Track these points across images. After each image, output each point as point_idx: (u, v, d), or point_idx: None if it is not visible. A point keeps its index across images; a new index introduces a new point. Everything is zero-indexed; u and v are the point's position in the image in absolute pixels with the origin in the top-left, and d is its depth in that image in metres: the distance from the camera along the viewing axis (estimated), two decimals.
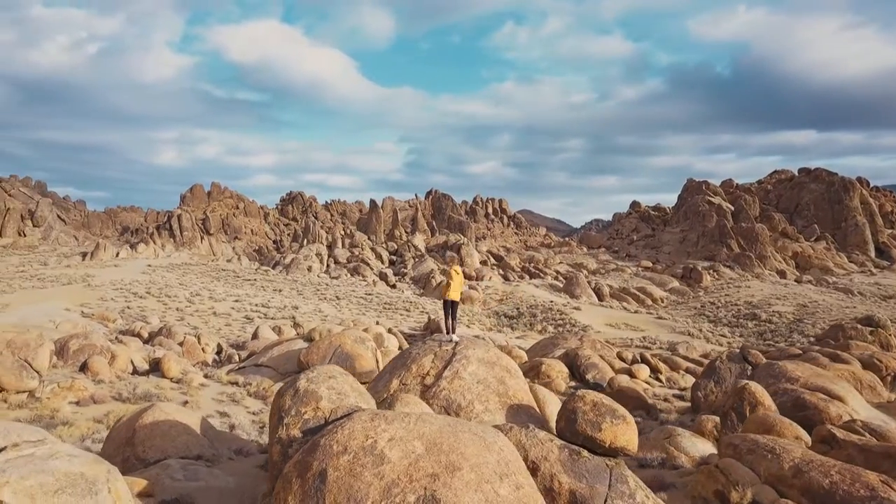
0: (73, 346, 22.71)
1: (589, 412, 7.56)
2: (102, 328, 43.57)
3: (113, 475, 6.02)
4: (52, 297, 53.90)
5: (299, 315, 53.35)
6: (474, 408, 8.45)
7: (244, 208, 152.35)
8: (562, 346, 32.97)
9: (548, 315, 66.39)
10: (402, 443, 5.98)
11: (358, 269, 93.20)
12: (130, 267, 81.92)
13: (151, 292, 59.12)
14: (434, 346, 9.71)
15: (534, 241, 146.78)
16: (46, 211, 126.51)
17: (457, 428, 6.35)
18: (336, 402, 7.12)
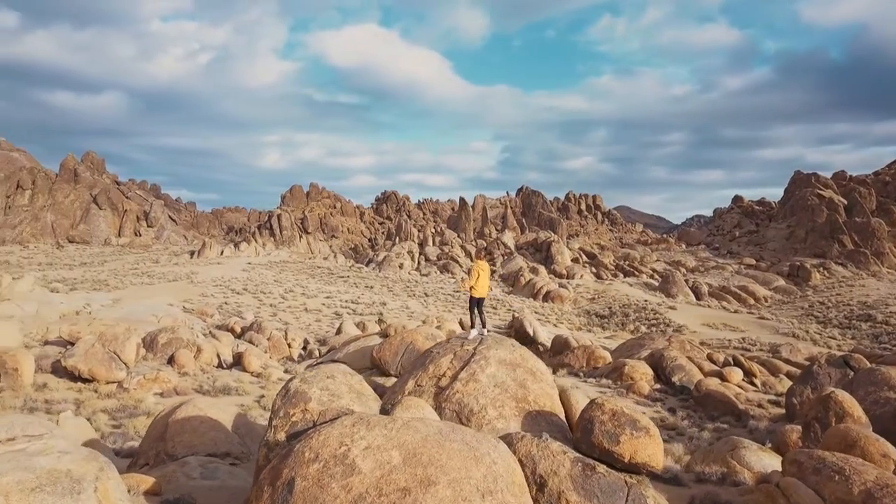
0: (162, 339, 23.87)
1: (607, 422, 6.92)
2: (200, 323, 45.85)
3: (105, 473, 5.89)
4: (158, 293, 57.31)
5: (387, 311, 54.11)
6: (487, 413, 7.94)
7: (341, 208, 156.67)
8: (648, 347, 31.61)
9: (641, 315, 64.14)
10: (379, 452, 5.60)
11: (447, 267, 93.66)
12: (232, 264, 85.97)
13: (248, 289, 61.71)
14: (456, 345, 9.25)
15: (629, 238, 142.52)
16: (159, 212, 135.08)
17: (447, 437, 5.92)
18: (326, 403, 6.87)
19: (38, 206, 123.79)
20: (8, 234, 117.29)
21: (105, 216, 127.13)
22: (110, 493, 5.82)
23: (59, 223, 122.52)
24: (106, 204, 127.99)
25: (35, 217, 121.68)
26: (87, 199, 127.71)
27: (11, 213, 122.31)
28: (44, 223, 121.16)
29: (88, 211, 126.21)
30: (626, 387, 25.74)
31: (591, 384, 26.88)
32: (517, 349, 8.96)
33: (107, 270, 78.40)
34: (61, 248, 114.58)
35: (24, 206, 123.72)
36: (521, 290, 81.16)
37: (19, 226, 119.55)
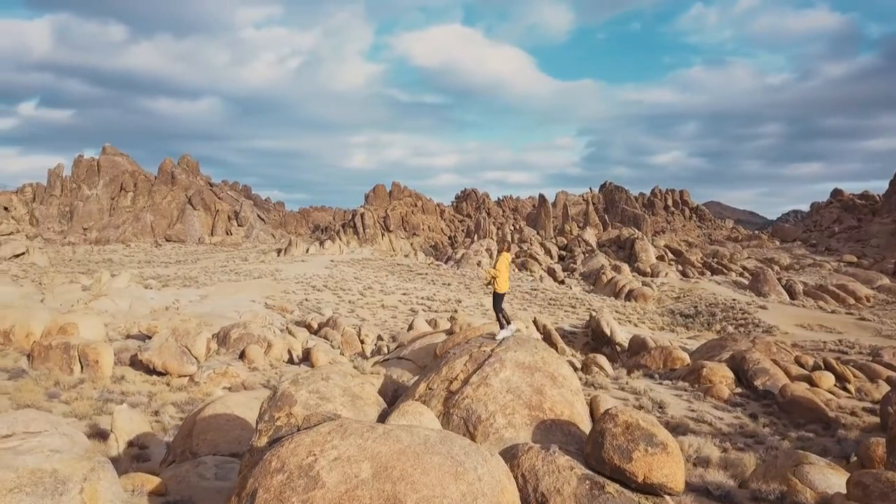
0: (234, 335, 24.54)
1: (619, 436, 6.18)
2: (280, 319, 47.16)
3: (96, 474, 5.74)
4: (243, 289, 59.45)
5: (461, 309, 53.94)
6: (495, 422, 7.35)
7: (422, 206, 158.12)
8: (729, 349, 29.96)
9: (728, 314, 61.24)
10: (348, 464, 5.19)
11: (526, 265, 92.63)
12: (316, 262, 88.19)
13: (328, 286, 63.08)
14: (474, 346, 8.70)
15: (719, 234, 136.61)
16: (249, 212, 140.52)
17: (430, 448, 5.45)
18: (312, 407, 6.54)
19: (138, 207, 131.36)
20: (112, 233, 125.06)
21: (199, 216, 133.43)
22: (99, 494, 5.64)
23: (158, 223, 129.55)
24: (200, 204, 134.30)
25: (136, 217, 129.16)
26: (183, 200, 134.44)
27: (115, 214, 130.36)
28: (144, 223, 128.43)
29: (184, 211, 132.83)
30: (703, 390, 24.45)
31: (666, 387, 25.71)
32: (539, 351, 8.34)
33: (198, 268, 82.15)
34: (159, 246, 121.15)
35: (127, 208, 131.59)
36: (603, 288, 79.20)
37: (122, 226, 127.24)
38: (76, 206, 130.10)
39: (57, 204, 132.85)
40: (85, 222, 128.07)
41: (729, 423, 21.01)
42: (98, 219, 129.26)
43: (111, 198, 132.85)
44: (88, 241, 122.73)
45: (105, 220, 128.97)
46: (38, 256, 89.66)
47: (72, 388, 18.02)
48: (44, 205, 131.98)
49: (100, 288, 50.47)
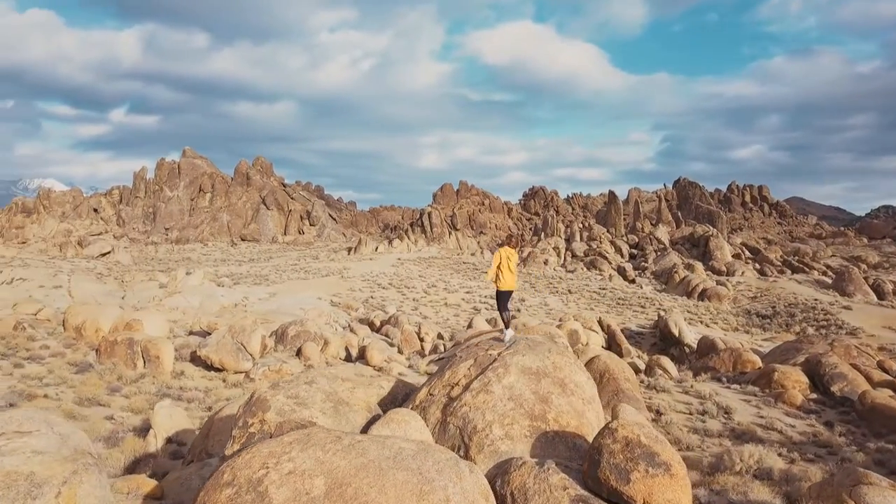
0: (291, 332, 24.87)
1: (618, 453, 5.53)
2: (345, 316, 47.79)
3: (79, 477, 5.59)
4: (311, 287, 60.63)
5: (524, 308, 53.27)
6: (491, 433, 6.83)
7: (489, 204, 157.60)
8: (805, 352, 28.33)
9: (809, 315, 58.12)
10: (301, 479, 4.82)
11: (595, 263, 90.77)
12: (383, 260, 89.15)
13: (393, 284, 63.54)
14: (482, 348, 8.19)
15: (801, 231, 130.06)
16: (320, 211, 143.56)
17: (398, 463, 5.03)
18: (287, 414, 6.25)
19: (216, 207, 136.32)
20: (191, 233, 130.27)
21: (272, 216, 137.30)
22: (79, 498, 5.50)
23: (234, 223, 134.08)
24: (273, 205, 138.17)
25: (213, 217, 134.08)
26: (257, 201, 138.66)
27: (194, 214, 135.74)
28: (220, 223, 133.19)
29: (258, 211, 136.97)
30: (774, 395, 23.13)
31: (734, 391, 24.48)
32: (551, 355, 7.74)
33: (270, 266, 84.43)
34: (235, 245, 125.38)
35: (205, 208, 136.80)
36: (675, 287, 76.70)
37: (200, 226, 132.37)
38: (158, 207, 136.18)
39: (141, 205, 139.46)
40: (166, 222, 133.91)
41: (801, 431, 19.76)
42: (178, 219, 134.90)
43: (190, 199, 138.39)
44: (169, 241, 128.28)
45: (185, 221, 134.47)
46: (122, 255, 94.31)
47: (133, 383, 18.61)
48: (129, 206, 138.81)
49: (175, 286, 52.46)
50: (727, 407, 21.58)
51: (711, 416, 20.87)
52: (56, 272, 63.46)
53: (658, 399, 22.72)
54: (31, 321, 23.87)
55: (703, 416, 20.92)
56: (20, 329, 22.65)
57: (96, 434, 12.73)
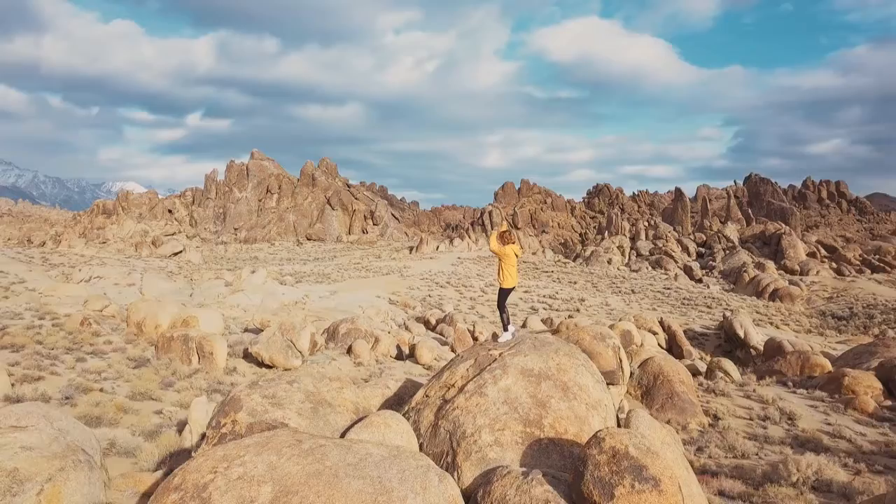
0: (342, 329, 25.09)
1: (603, 465, 5.07)
2: (402, 314, 48.07)
3: (65, 474, 5.51)
4: (370, 285, 61.27)
5: (584, 308, 52.31)
6: (480, 438, 6.41)
7: (551, 203, 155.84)
8: (880, 356, 26.70)
9: (889, 317, 54.91)
10: (248, 486, 4.57)
11: (660, 262, 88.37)
12: (443, 259, 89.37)
13: (451, 282, 63.54)
14: (485, 348, 7.82)
15: (883, 229, 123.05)
16: (383, 211, 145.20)
17: (357, 470, 4.73)
18: (259, 414, 6.02)
19: (282, 208, 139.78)
20: (259, 233, 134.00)
21: (337, 216, 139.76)
22: (64, 496, 5.40)
23: (300, 223, 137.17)
24: (338, 205, 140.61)
25: (280, 218, 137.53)
26: (323, 201, 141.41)
27: (262, 214, 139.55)
28: (287, 223, 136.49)
29: (323, 211, 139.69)
30: (844, 401, 21.79)
31: (800, 396, 23.23)
32: (557, 356, 7.31)
33: (333, 265, 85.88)
34: (300, 244, 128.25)
35: (272, 209, 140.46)
36: (744, 287, 73.83)
37: (268, 226, 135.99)
38: (228, 207, 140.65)
39: (212, 206, 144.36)
40: (236, 223, 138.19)
41: (872, 440, 18.53)
42: (247, 219, 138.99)
43: (258, 199, 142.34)
44: (238, 240, 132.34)
45: (253, 221, 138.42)
46: (193, 254, 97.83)
47: (186, 378, 19.10)
48: (201, 207, 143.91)
49: (239, 284, 53.96)
50: (791, 413, 20.50)
51: (773, 423, 19.88)
52: (130, 271, 66.33)
53: (716, 403, 21.80)
54: (98, 317, 24.90)
55: (764, 422, 19.94)
56: (86, 325, 23.64)
57: (142, 428, 13.06)
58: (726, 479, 12.61)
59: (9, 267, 57.55)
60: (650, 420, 6.74)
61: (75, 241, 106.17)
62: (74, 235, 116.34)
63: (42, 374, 16.36)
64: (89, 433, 6.63)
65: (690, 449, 16.18)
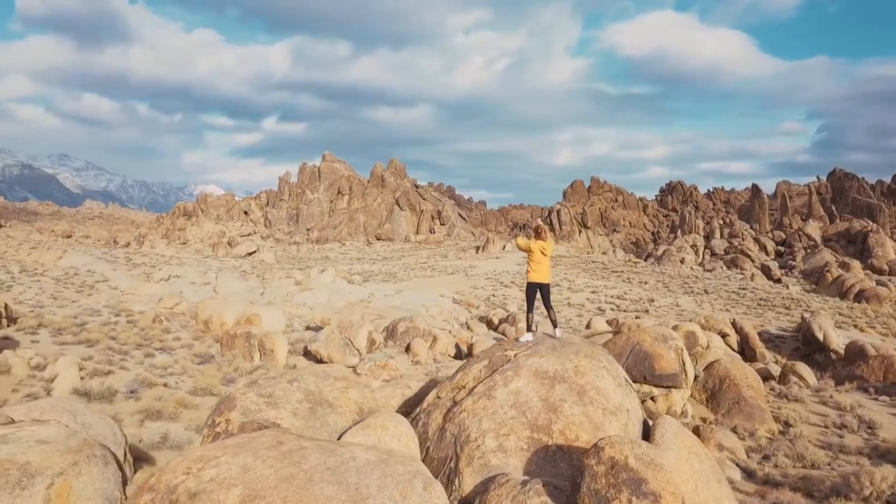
0: (401, 328, 25.22)
1: (601, 477, 4.68)
2: (466, 313, 48.05)
3: (78, 468, 5.48)
4: (435, 285, 61.55)
5: (653, 309, 50.89)
6: (483, 443, 6.05)
7: (622, 201, 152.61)
8: None
9: None
10: (218, 488, 4.41)
11: (736, 261, 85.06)
12: (509, 259, 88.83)
13: (516, 282, 63.07)
14: (501, 349, 7.45)
15: None
16: (450, 211, 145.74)
17: (334, 476, 4.51)
18: (253, 413, 5.90)
19: (353, 208, 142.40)
20: (330, 233, 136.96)
21: (405, 216, 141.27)
22: (74, 491, 5.35)
23: (369, 223, 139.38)
24: (406, 205, 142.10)
25: (350, 218, 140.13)
26: (391, 202, 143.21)
27: (333, 215, 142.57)
28: (357, 223, 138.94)
29: (392, 212, 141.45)
30: None
31: (882, 403, 21.80)
32: (577, 358, 6.88)
33: (400, 264, 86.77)
34: (370, 244, 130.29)
35: (343, 210, 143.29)
36: (827, 288, 70.16)
37: (339, 226, 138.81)
38: (301, 209, 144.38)
39: (285, 207, 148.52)
40: (308, 223, 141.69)
41: None
42: (319, 220, 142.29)
43: (330, 201, 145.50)
44: (310, 241, 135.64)
45: (325, 221, 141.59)
46: (266, 254, 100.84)
47: (247, 375, 19.60)
48: (275, 208, 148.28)
49: (308, 283, 55.22)
50: (871, 421, 19.26)
51: (851, 431, 18.72)
52: (206, 270, 68.93)
53: (788, 409, 20.75)
54: (168, 314, 25.93)
55: (840, 430, 18.81)
56: (157, 322, 24.65)
57: (198, 423, 13.44)
58: (789, 491, 11.91)
59: (96, 266, 60.78)
60: (678, 428, 6.33)
61: (157, 241, 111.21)
62: (157, 236, 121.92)
63: (112, 369, 17.12)
64: (114, 429, 6.78)
65: (755, 457, 15.44)
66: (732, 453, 14.24)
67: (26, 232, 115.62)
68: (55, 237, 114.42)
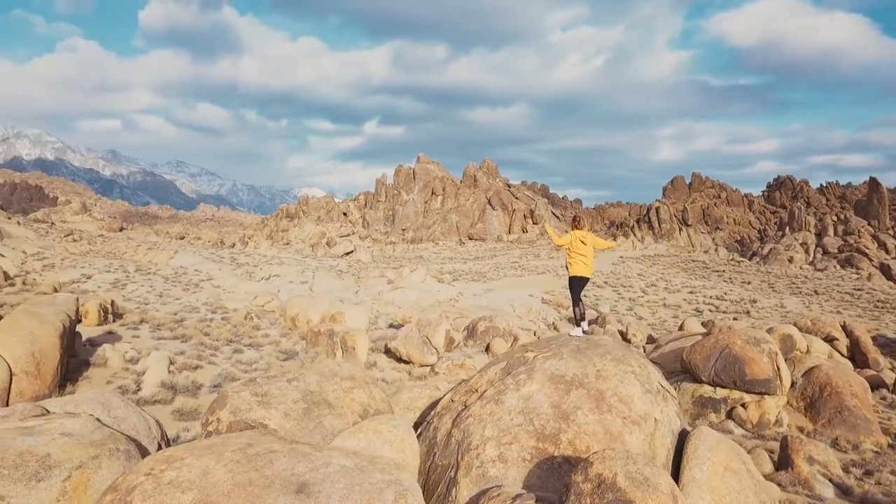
0: (481, 327, 25.11)
1: (586, 497, 4.22)
2: (554, 314, 47.34)
3: (97, 462, 5.47)
4: (525, 284, 61.00)
5: (754, 310, 48.20)
6: (483, 453, 5.61)
7: (726, 197, 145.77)
8: None
9: None
10: (171, 492, 4.23)
11: (851, 260, 79.25)
12: (604, 258, 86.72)
13: (609, 282, 61.49)
14: (521, 351, 6.91)
15: None
16: (543, 210, 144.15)
17: (292, 484, 4.25)
18: (242, 412, 5.66)
19: (446, 208, 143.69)
20: (424, 233, 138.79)
21: (497, 216, 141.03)
22: (92, 484, 5.33)
23: (462, 223, 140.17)
24: (498, 205, 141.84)
25: (444, 218, 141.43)
26: (483, 201, 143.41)
27: (427, 216, 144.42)
28: (450, 223, 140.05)
29: (484, 211, 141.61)
30: None
31: None
32: (602, 362, 6.33)
33: (491, 264, 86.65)
34: (462, 244, 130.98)
35: (437, 210, 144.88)
36: None
37: (432, 226, 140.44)
38: (396, 209, 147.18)
39: (382, 208, 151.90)
40: (403, 224, 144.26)
41: None
42: (413, 220, 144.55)
43: (424, 201, 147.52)
44: (406, 241, 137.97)
45: (419, 221, 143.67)
46: (362, 254, 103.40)
47: None
48: (372, 209, 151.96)
49: (399, 282, 56.13)
50: None
51: None
52: (304, 269, 71.48)
53: None
54: (259, 312, 27.02)
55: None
56: (249, 319, 25.74)
57: None
58: None
59: (202, 265, 64.35)
60: (717, 441, 5.73)
61: (262, 242, 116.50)
62: (262, 237, 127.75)
63: (200, 364, 18.00)
64: (149, 423, 6.98)
65: (856, 472, 14.27)
66: (825, 468, 13.17)
67: (145, 234, 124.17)
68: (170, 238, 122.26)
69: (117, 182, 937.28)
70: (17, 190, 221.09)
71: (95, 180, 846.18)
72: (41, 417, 6.29)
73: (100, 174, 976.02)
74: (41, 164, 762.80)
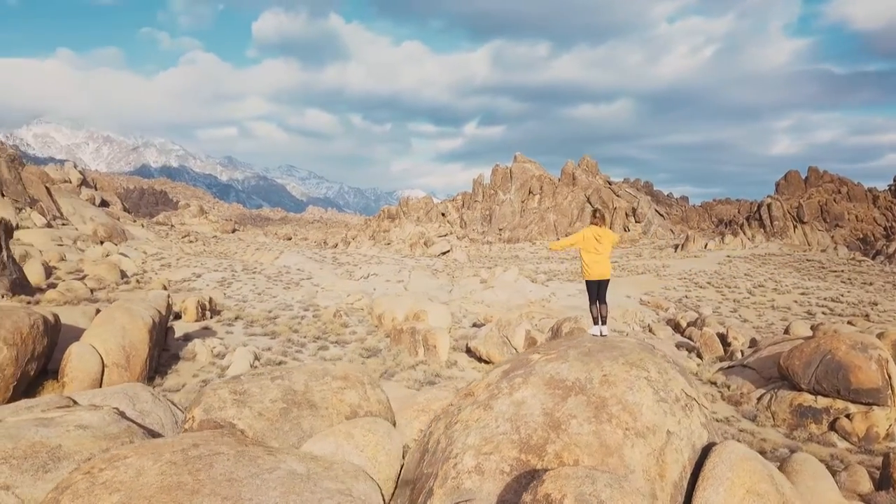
0: (565, 328, 24.58)
1: None
2: (653, 315, 45.73)
3: None
4: (623, 284, 59.27)
5: (874, 313, 44.62)
6: (461, 462, 5.18)
7: (847, 192, 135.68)
8: None
9: None
10: (100, 492, 4.11)
11: None
12: (709, 258, 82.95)
13: (712, 283, 58.75)
14: (526, 353, 6.40)
15: None
16: (646, 208, 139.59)
17: (226, 490, 4.03)
18: (213, 412, 5.46)
19: (543, 207, 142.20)
20: (521, 233, 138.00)
21: None
22: None
23: (560, 222, 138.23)
24: (598, 203, 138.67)
25: (541, 217, 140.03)
26: (582, 200, 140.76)
27: (524, 215, 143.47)
28: (547, 222, 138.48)
29: (583, 210, 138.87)
30: None
31: None
32: (612, 365, 5.79)
33: None
34: None
35: (534, 209, 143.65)
36: None
37: (529, 226, 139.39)
38: (493, 209, 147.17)
39: (479, 208, 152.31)
40: (500, 223, 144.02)
41: None
42: (510, 220, 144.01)
43: (521, 201, 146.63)
44: (502, 240, 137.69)
45: (516, 221, 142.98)
46: (458, 253, 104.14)
47: (409, 369, 20.38)
48: (469, 210, 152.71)
49: (492, 281, 56.12)
50: None
51: None
52: (401, 268, 72.87)
53: None
54: (348, 310, 27.77)
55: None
56: (337, 316, 26.51)
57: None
58: None
59: (305, 265, 66.97)
60: (741, 458, 5.07)
61: (364, 242, 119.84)
62: (364, 238, 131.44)
63: (284, 360, 18.72)
64: (176, 418, 7.20)
65: None
66: None
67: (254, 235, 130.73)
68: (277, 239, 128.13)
69: (233, 186, 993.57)
70: (144, 195, 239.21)
71: (214, 185, 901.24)
72: (64, 409, 6.43)
73: (217, 179, 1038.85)
74: (166, 171, 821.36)
